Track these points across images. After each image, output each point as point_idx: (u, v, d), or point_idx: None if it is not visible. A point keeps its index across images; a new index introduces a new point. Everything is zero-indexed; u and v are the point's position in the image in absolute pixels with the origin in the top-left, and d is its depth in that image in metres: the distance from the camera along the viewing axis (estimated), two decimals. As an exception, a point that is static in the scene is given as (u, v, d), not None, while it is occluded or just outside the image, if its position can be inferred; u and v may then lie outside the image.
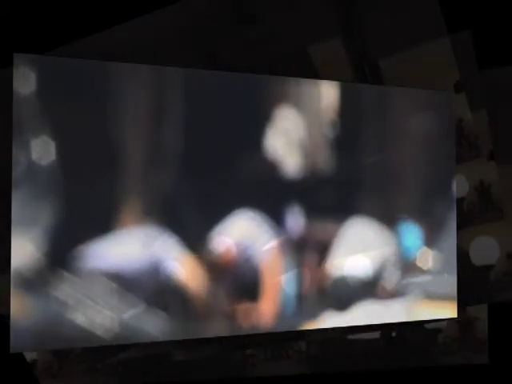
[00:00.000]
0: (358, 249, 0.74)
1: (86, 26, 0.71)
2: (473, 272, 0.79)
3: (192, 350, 0.74)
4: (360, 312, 0.74)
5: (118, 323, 0.67)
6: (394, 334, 0.78)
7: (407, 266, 0.76)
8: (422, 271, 0.76)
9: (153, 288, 0.68)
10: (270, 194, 0.71)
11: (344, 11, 0.75)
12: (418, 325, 0.78)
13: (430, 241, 0.76)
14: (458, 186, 0.77)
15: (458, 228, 0.78)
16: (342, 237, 0.73)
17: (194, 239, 0.69)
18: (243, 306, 0.71)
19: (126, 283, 0.67)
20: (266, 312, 0.71)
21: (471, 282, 0.79)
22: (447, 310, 0.78)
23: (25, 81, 0.65)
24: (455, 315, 0.78)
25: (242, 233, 0.70)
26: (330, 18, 0.75)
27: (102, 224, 0.66)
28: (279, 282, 0.71)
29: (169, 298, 0.68)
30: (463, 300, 0.78)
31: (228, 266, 0.70)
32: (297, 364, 0.77)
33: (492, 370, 0.80)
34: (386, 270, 0.75)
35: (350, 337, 0.77)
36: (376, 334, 0.78)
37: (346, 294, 0.74)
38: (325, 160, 0.73)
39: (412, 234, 0.76)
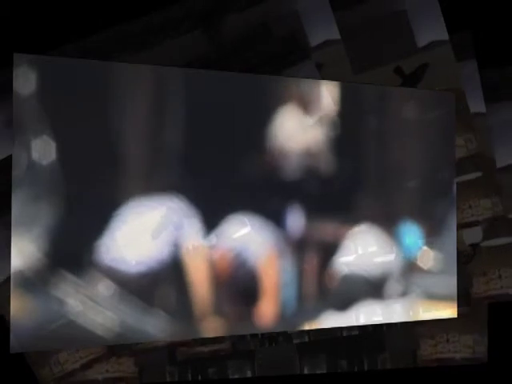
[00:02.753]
0: (358, 249, 0.74)
1: (86, 26, 0.71)
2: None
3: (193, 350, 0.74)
4: (360, 312, 0.74)
5: (118, 323, 0.67)
6: (393, 334, 0.78)
7: (407, 266, 0.76)
8: (422, 271, 0.76)
9: (153, 288, 0.68)
10: (270, 193, 0.71)
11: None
12: (418, 324, 0.78)
13: (431, 241, 0.76)
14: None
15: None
16: (342, 237, 0.73)
17: (196, 239, 0.69)
18: (243, 306, 0.71)
19: (127, 283, 0.67)
20: (266, 312, 0.71)
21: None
22: (447, 310, 0.78)
23: (25, 81, 0.65)
24: (455, 315, 0.78)
25: (243, 233, 0.70)
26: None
27: (102, 224, 0.66)
28: (279, 282, 0.71)
29: (169, 298, 0.68)
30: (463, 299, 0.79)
31: (228, 267, 0.70)
32: (296, 364, 0.77)
33: (492, 369, 0.80)
34: (387, 270, 0.75)
35: (350, 337, 0.77)
36: (376, 334, 0.78)
37: (346, 294, 0.74)
38: (325, 160, 0.73)
39: (412, 234, 0.76)
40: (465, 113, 0.77)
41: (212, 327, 0.70)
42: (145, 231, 0.68)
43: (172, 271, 0.68)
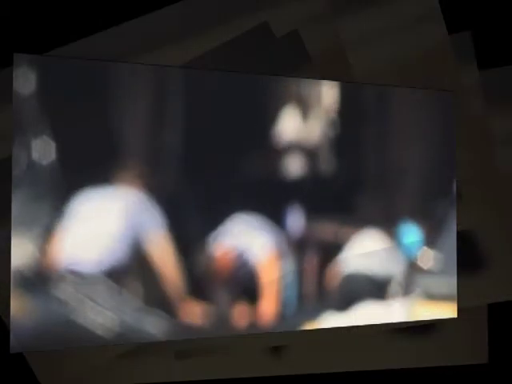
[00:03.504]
0: (358, 249, 0.74)
1: (85, 26, 0.71)
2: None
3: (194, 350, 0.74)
4: (360, 312, 0.74)
5: (118, 323, 0.67)
6: (393, 334, 0.78)
7: (407, 266, 0.76)
8: (422, 271, 0.76)
9: (153, 288, 0.68)
10: (270, 194, 0.71)
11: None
12: (418, 324, 0.78)
13: (431, 241, 0.76)
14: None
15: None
16: (342, 237, 0.73)
17: (196, 239, 0.69)
18: (244, 307, 0.71)
19: (127, 283, 0.67)
20: (266, 312, 0.71)
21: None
22: (447, 310, 0.78)
23: (25, 81, 0.65)
24: (455, 315, 0.78)
25: (243, 233, 0.70)
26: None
27: (102, 224, 0.66)
28: (279, 282, 0.71)
29: (169, 299, 0.68)
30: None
31: (229, 266, 0.70)
32: (297, 363, 0.77)
33: (492, 370, 0.80)
34: (386, 270, 0.75)
35: (350, 336, 0.77)
36: (375, 334, 0.78)
37: (346, 294, 0.74)
38: (325, 160, 0.73)
39: (412, 233, 0.76)
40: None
41: (212, 327, 0.70)
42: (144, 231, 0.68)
43: (171, 270, 0.68)
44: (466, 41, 0.78)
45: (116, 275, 0.67)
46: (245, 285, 0.71)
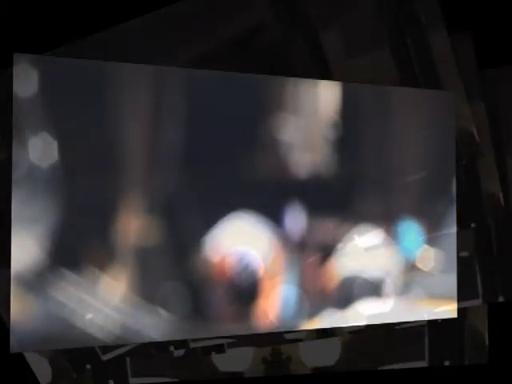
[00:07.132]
0: (359, 248, 0.74)
1: (86, 26, 0.71)
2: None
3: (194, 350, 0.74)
4: (360, 312, 0.74)
5: (118, 323, 0.67)
6: (393, 334, 0.78)
7: (407, 266, 0.76)
8: (422, 271, 0.76)
9: (153, 288, 0.68)
10: (270, 194, 0.71)
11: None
12: (418, 324, 0.78)
13: (431, 240, 0.76)
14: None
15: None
16: (342, 236, 0.73)
17: (195, 239, 0.69)
18: (243, 306, 0.71)
19: (127, 283, 0.67)
20: (266, 312, 0.71)
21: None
22: (447, 310, 0.78)
23: (25, 81, 0.65)
24: (455, 315, 0.78)
25: (242, 234, 0.70)
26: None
27: (102, 224, 0.66)
28: (279, 281, 0.71)
29: (169, 299, 0.68)
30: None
31: (228, 266, 0.70)
32: (297, 363, 0.77)
33: (492, 370, 0.80)
34: (386, 269, 0.75)
35: (350, 336, 0.77)
36: (375, 334, 0.78)
37: (346, 293, 0.74)
38: (325, 160, 0.73)
39: (412, 233, 0.76)
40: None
41: (211, 327, 0.70)
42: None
43: (171, 269, 0.68)
44: (466, 41, 0.78)
45: (116, 274, 0.67)
46: (244, 284, 0.71)
